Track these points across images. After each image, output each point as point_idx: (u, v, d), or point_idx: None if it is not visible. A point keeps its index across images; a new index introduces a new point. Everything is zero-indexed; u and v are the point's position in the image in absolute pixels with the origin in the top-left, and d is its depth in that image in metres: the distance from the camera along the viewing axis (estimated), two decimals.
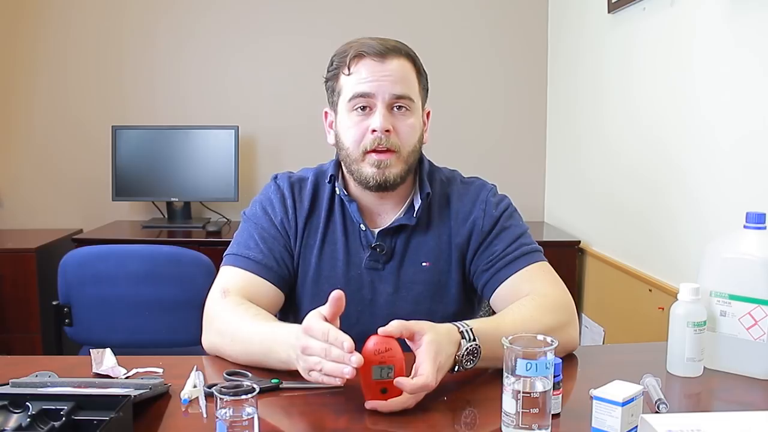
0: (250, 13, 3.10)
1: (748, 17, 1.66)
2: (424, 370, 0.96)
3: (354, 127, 1.24)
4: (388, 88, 1.22)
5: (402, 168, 1.24)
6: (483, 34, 3.15)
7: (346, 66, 1.24)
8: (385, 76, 1.22)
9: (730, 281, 1.13)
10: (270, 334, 1.10)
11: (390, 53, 1.23)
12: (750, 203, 1.39)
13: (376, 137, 1.22)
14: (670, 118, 2.04)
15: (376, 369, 0.97)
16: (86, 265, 1.98)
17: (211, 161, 2.98)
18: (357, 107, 1.23)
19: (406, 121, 1.24)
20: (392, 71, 1.22)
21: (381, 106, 1.22)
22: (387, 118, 1.22)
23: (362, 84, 1.22)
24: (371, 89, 1.21)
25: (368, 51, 1.22)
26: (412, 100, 1.25)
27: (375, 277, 1.30)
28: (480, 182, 1.37)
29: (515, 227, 1.30)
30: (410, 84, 1.25)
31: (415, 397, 0.96)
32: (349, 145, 1.25)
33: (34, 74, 3.10)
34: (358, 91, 1.22)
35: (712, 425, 0.84)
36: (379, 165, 1.22)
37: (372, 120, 1.22)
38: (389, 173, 1.23)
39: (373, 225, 1.32)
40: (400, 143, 1.23)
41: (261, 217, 1.32)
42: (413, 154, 1.27)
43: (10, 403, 0.87)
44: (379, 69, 1.22)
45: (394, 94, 1.22)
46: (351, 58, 1.23)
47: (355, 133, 1.24)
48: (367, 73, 1.22)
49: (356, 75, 1.23)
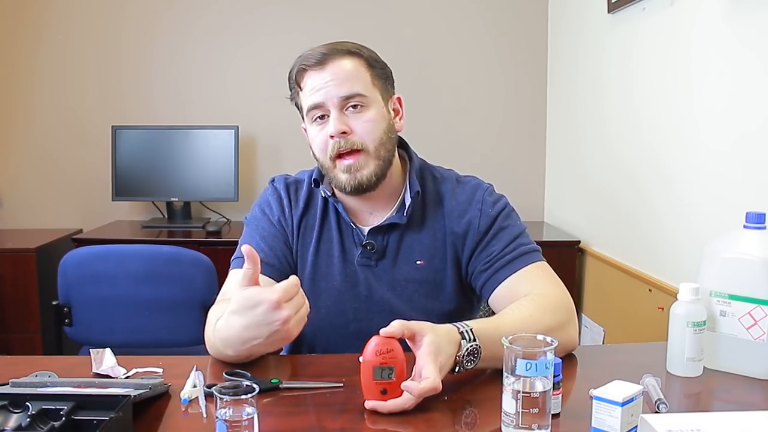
0: (250, 13, 3.10)
1: (748, 17, 1.66)
2: (429, 373, 0.96)
3: (317, 136, 1.27)
4: (334, 92, 1.23)
5: (374, 165, 1.25)
6: (483, 34, 3.15)
7: (296, 83, 1.28)
8: (327, 81, 1.23)
9: (730, 281, 1.13)
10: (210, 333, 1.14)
11: (328, 58, 1.24)
12: (750, 203, 1.39)
13: (335, 142, 1.23)
14: (670, 118, 2.04)
15: (377, 370, 0.97)
16: (86, 265, 1.98)
17: (211, 161, 2.98)
18: (315, 117, 1.26)
19: (362, 118, 1.24)
20: (335, 74, 1.23)
21: (334, 111, 1.23)
22: (340, 121, 1.23)
23: (312, 95, 1.24)
24: (320, 98, 1.24)
25: (309, 63, 1.25)
26: (364, 95, 1.25)
27: (369, 274, 1.30)
28: (476, 181, 1.36)
29: (513, 227, 1.30)
30: (358, 80, 1.25)
31: (415, 399, 0.96)
32: (319, 155, 1.28)
33: (34, 74, 3.10)
34: (310, 104, 1.25)
35: (712, 425, 0.84)
36: (350, 170, 1.24)
37: (328, 127, 1.24)
38: (361, 176, 1.24)
39: (365, 222, 1.33)
40: (363, 140, 1.24)
41: (260, 219, 1.35)
42: (383, 147, 1.26)
43: (10, 403, 0.87)
44: (321, 77, 1.24)
45: (341, 96, 1.23)
46: (296, 74, 1.28)
47: (319, 143, 1.26)
48: (312, 83, 1.25)
49: (306, 88, 1.26)
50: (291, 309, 0.98)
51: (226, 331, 1.06)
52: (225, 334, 1.08)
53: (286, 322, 0.98)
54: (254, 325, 1.00)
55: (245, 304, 1.00)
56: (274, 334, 1.00)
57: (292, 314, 0.98)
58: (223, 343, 1.10)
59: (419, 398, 0.96)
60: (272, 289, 0.98)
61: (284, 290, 0.98)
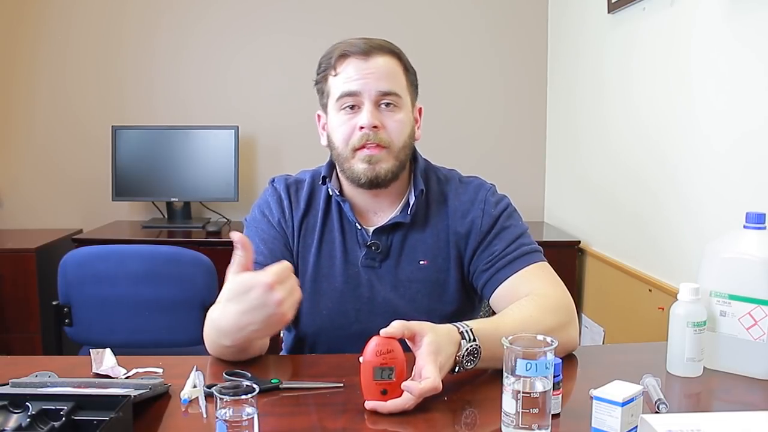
0: (250, 13, 3.10)
1: (748, 17, 1.66)
2: (429, 373, 0.96)
3: (343, 125, 1.25)
4: (374, 85, 1.23)
5: (393, 164, 1.25)
6: (483, 34, 3.15)
7: (332, 67, 1.26)
8: (370, 73, 1.23)
9: (730, 281, 1.13)
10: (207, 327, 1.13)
11: (374, 51, 1.24)
12: (750, 203, 1.39)
13: (364, 134, 1.23)
14: (670, 118, 2.04)
15: (377, 370, 0.97)
16: (86, 265, 1.98)
17: (211, 161, 2.98)
18: (345, 106, 1.25)
19: (394, 117, 1.25)
20: (377, 68, 1.23)
21: (368, 103, 1.23)
22: (374, 115, 1.23)
23: (348, 83, 1.23)
24: (357, 87, 1.23)
25: (352, 50, 1.24)
26: (399, 96, 1.26)
27: (372, 275, 1.30)
28: (479, 181, 1.37)
29: (515, 227, 1.30)
30: (397, 80, 1.26)
31: (415, 399, 0.96)
32: (339, 144, 1.26)
33: (34, 74, 3.10)
34: (345, 90, 1.24)
35: (712, 425, 0.84)
36: (370, 160, 1.23)
37: (359, 117, 1.23)
38: (380, 168, 1.24)
39: (369, 223, 1.32)
40: (390, 139, 1.24)
41: (260, 221, 1.34)
42: (404, 150, 1.27)
43: (10, 403, 0.87)
44: (364, 67, 1.23)
45: (381, 91, 1.23)
46: (336, 59, 1.25)
47: (344, 132, 1.25)
48: (352, 71, 1.23)
49: (342, 74, 1.24)
50: (284, 291, 0.97)
51: (222, 319, 1.05)
52: (221, 323, 1.06)
53: (280, 304, 0.97)
54: (249, 310, 0.99)
55: (239, 289, 0.99)
56: (270, 318, 0.99)
57: (286, 296, 0.97)
58: (219, 333, 1.08)
59: (419, 398, 0.96)
60: (265, 273, 0.97)
61: (276, 273, 0.97)
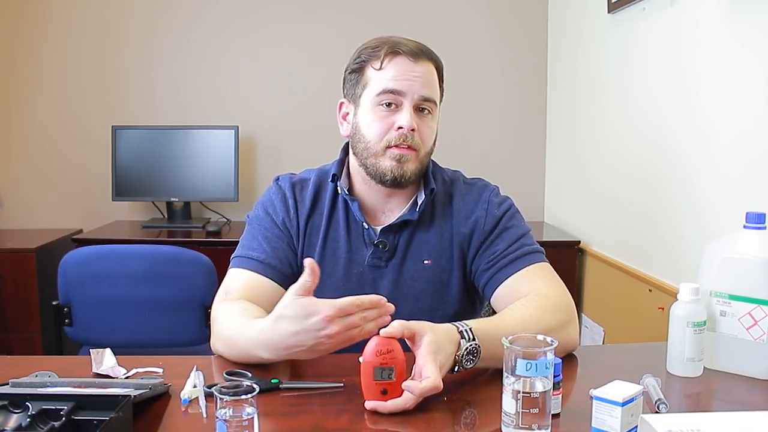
0: (250, 13, 3.10)
1: (748, 17, 1.66)
2: (430, 372, 0.96)
3: (379, 121, 1.25)
4: (418, 89, 1.24)
5: (417, 167, 1.27)
6: (483, 34, 3.15)
7: (378, 60, 1.25)
8: (416, 76, 1.24)
9: (730, 281, 1.13)
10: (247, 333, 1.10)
11: (423, 55, 1.26)
12: (750, 203, 1.39)
13: (402, 134, 1.23)
14: (669, 118, 2.04)
15: (378, 370, 0.97)
16: (86, 265, 1.98)
17: (211, 161, 2.98)
18: (384, 102, 1.24)
19: (428, 123, 1.27)
20: (423, 73, 1.25)
21: (408, 105, 1.23)
22: (414, 117, 1.24)
23: (394, 81, 1.23)
24: (402, 87, 1.23)
25: (403, 49, 1.24)
26: (436, 104, 1.28)
27: (377, 274, 1.30)
28: (483, 183, 1.38)
29: (517, 227, 1.31)
30: (435, 88, 1.28)
31: (416, 399, 0.96)
32: (371, 138, 1.26)
33: (34, 74, 3.10)
34: (388, 87, 1.23)
35: (712, 425, 0.84)
36: (400, 159, 1.24)
37: (399, 117, 1.23)
38: (407, 168, 1.25)
39: (376, 222, 1.33)
40: (421, 143, 1.26)
41: (263, 219, 1.33)
42: (427, 156, 1.30)
43: (10, 403, 0.87)
44: (411, 69, 1.24)
45: (423, 96, 1.24)
46: (385, 54, 1.25)
47: (379, 128, 1.25)
48: (400, 70, 1.24)
49: (388, 71, 1.24)
50: (341, 326, 0.98)
51: (272, 335, 1.04)
52: (268, 338, 1.05)
53: (332, 336, 0.98)
54: (302, 332, 1.00)
55: (300, 312, 0.99)
56: (317, 345, 1.00)
57: (341, 331, 0.98)
58: (261, 346, 1.07)
59: (420, 398, 0.96)
60: (330, 303, 0.98)
61: (340, 308, 0.97)
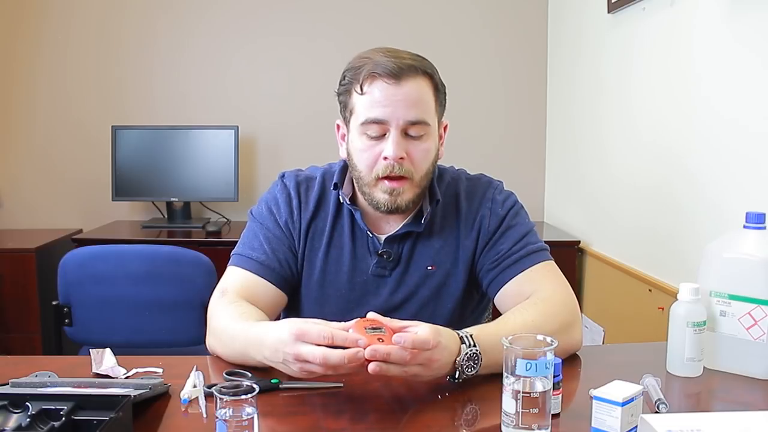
0: (250, 13, 3.10)
1: (748, 17, 1.66)
2: (424, 331, 0.96)
3: (366, 151, 1.19)
4: (402, 114, 1.16)
5: (414, 193, 1.22)
6: (483, 34, 3.15)
7: (358, 84, 1.18)
8: (398, 100, 1.16)
9: (730, 281, 1.13)
10: (247, 335, 1.10)
11: (405, 74, 1.16)
12: (750, 203, 1.39)
13: (389, 164, 1.18)
14: (669, 119, 2.04)
15: (369, 330, 0.98)
16: (86, 265, 1.98)
17: (211, 161, 2.98)
18: (367, 132, 1.19)
19: (419, 147, 1.19)
20: (406, 95, 1.16)
21: (395, 132, 1.17)
22: (400, 145, 1.17)
23: (375, 109, 1.17)
24: (384, 116, 1.16)
25: (381, 72, 1.16)
26: (428, 124, 1.20)
27: (380, 283, 1.29)
28: (486, 179, 1.35)
29: (521, 225, 1.29)
30: (426, 106, 1.20)
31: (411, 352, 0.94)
32: (362, 168, 1.22)
33: (34, 74, 3.09)
34: (370, 117, 1.17)
35: (712, 425, 0.84)
36: (392, 192, 1.20)
37: (385, 147, 1.17)
38: (401, 200, 1.21)
39: (381, 231, 1.30)
40: (414, 169, 1.20)
41: (266, 218, 1.31)
42: (426, 178, 1.23)
43: (10, 403, 0.87)
44: (393, 92, 1.16)
45: (408, 121, 1.17)
46: (364, 78, 1.17)
47: (368, 158, 1.20)
48: (380, 96, 1.16)
49: (369, 96, 1.17)
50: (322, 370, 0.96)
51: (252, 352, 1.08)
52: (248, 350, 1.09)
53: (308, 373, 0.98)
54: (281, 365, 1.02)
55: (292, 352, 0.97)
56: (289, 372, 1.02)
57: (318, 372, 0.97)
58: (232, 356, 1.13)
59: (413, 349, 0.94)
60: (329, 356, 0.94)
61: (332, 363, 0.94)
